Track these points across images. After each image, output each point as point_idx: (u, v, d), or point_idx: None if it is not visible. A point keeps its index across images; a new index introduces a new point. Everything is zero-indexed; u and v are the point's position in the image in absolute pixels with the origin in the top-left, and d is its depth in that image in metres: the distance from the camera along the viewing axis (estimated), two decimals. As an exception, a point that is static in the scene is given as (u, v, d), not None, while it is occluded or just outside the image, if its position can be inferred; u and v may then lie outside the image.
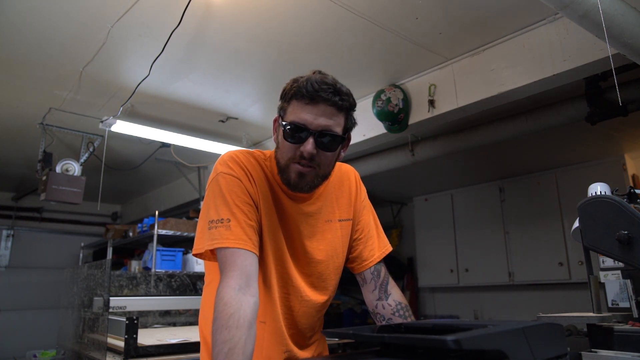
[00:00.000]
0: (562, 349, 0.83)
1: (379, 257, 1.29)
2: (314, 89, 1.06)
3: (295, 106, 1.09)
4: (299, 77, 1.11)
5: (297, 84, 1.09)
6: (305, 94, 1.06)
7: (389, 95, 3.13)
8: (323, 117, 1.07)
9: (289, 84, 1.12)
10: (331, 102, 1.07)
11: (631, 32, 1.90)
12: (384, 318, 1.25)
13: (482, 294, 5.51)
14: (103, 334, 2.55)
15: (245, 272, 1.01)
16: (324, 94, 1.06)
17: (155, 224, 4.15)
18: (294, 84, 1.10)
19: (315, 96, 1.06)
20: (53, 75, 3.05)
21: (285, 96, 1.12)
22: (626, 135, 4.01)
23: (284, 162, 1.11)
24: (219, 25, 2.54)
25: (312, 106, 1.07)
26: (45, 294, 5.78)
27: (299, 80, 1.09)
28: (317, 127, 1.07)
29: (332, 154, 1.13)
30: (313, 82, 1.06)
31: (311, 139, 1.07)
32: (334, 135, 1.09)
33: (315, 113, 1.07)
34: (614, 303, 1.39)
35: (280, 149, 1.13)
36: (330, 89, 1.07)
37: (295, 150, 1.09)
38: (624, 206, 1.16)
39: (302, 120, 1.07)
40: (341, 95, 1.09)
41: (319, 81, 1.07)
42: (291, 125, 1.08)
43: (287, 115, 1.10)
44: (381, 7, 2.40)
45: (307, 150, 1.07)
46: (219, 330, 0.93)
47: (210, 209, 1.08)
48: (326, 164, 1.13)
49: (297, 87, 1.08)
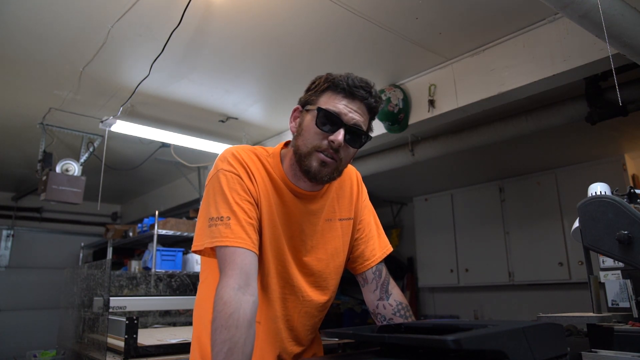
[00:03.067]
0: (562, 349, 0.83)
1: (380, 257, 1.29)
2: (355, 85, 1.09)
3: (330, 97, 1.10)
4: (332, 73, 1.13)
5: (334, 77, 1.11)
6: (345, 87, 1.09)
7: (389, 95, 3.13)
8: (357, 113, 1.10)
9: (322, 78, 1.14)
10: (367, 101, 1.11)
11: (631, 32, 1.90)
12: (384, 318, 1.24)
13: (482, 294, 5.51)
14: (103, 334, 2.55)
15: (244, 271, 1.00)
16: (362, 91, 1.10)
17: (155, 224, 4.15)
18: (330, 77, 1.12)
19: (354, 91, 1.09)
20: (53, 75, 3.05)
21: (318, 87, 1.13)
22: (626, 135, 4.01)
23: (307, 149, 1.10)
24: (219, 25, 2.54)
25: (349, 100, 1.09)
26: (45, 294, 5.78)
27: (335, 75, 1.12)
28: (349, 121, 1.09)
29: (354, 151, 1.15)
30: (354, 79, 1.10)
31: (342, 130, 1.08)
32: (361, 132, 1.12)
33: (350, 107, 1.09)
34: (614, 303, 1.39)
35: (305, 137, 1.11)
36: (367, 88, 1.11)
37: (323, 139, 1.09)
38: (624, 206, 1.16)
39: (337, 110, 1.08)
40: (375, 98, 1.12)
41: (358, 79, 1.11)
42: (326, 113, 1.08)
43: (320, 104, 1.11)
44: (381, 7, 2.40)
45: (338, 140, 1.07)
46: (218, 329, 0.92)
47: (210, 206, 1.08)
48: (346, 159, 1.14)
49: (335, 79, 1.10)
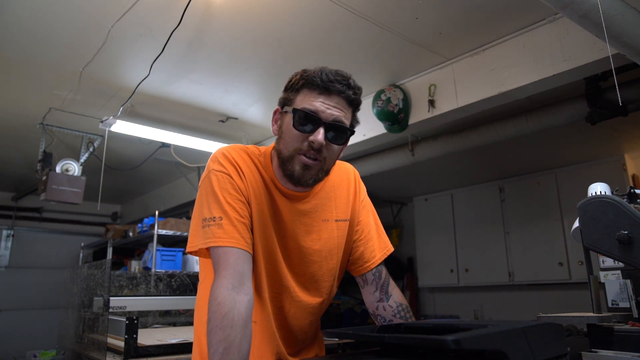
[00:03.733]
0: (562, 349, 0.83)
1: (380, 259, 1.26)
2: (329, 79, 1.04)
3: (306, 95, 1.06)
4: (308, 69, 1.08)
5: (309, 73, 1.06)
6: (319, 83, 1.04)
7: (389, 95, 3.13)
8: (335, 108, 1.05)
9: (297, 75, 1.09)
10: (344, 94, 1.05)
11: (631, 32, 1.89)
12: (384, 319, 1.22)
13: (482, 294, 5.51)
14: (103, 334, 2.55)
15: (238, 270, 0.99)
16: (339, 85, 1.04)
17: (155, 224, 4.15)
18: (305, 74, 1.07)
19: (330, 86, 1.04)
20: (53, 75, 3.05)
21: (294, 86, 1.09)
22: (626, 135, 4.00)
23: (289, 152, 1.07)
24: (219, 25, 2.54)
25: (325, 97, 1.05)
26: (45, 294, 5.78)
27: (310, 70, 1.07)
28: (328, 118, 1.04)
29: (339, 148, 1.11)
30: (328, 73, 1.04)
31: (322, 129, 1.04)
32: (344, 127, 1.07)
33: (327, 103, 1.04)
34: (614, 303, 1.39)
35: (285, 139, 1.08)
36: (344, 81, 1.05)
37: (303, 141, 1.05)
38: (624, 206, 1.16)
39: (314, 109, 1.04)
40: (354, 90, 1.07)
41: (333, 72, 1.05)
42: (302, 113, 1.04)
43: (296, 104, 1.06)
44: (381, 7, 2.40)
45: (318, 140, 1.03)
46: (213, 330, 0.91)
47: (202, 207, 1.07)
48: (331, 158, 1.10)
49: (309, 76, 1.05)
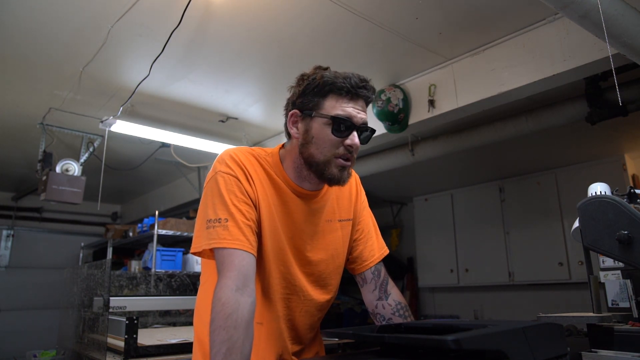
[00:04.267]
0: (562, 349, 0.83)
1: (379, 258, 1.30)
2: (357, 86, 1.11)
3: (335, 101, 1.11)
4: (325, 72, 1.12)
5: (332, 78, 1.10)
6: (349, 89, 1.10)
7: (389, 95, 3.13)
8: (362, 112, 1.13)
9: (316, 79, 1.11)
10: (369, 98, 1.14)
11: (631, 32, 1.90)
12: (383, 318, 1.25)
13: (482, 294, 5.51)
14: (103, 334, 2.55)
15: (242, 272, 1.00)
16: (364, 90, 1.12)
17: (155, 224, 4.15)
18: (326, 79, 1.10)
19: (358, 92, 1.11)
20: (53, 75, 3.05)
21: (317, 91, 1.11)
22: (626, 135, 4.00)
23: (326, 157, 1.11)
24: (219, 25, 2.54)
25: (354, 102, 1.11)
26: (45, 294, 5.78)
27: (329, 75, 1.11)
28: (359, 122, 1.12)
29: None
30: (354, 78, 1.11)
31: (356, 133, 1.11)
32: (370, 129, 1.16)
33: (357, 108, 1.12)
34: (614, 303, 1.39)
35: (319, 144, 1.11)
36: (368, 86, 1.13)
37: (339, 145, 1.11)
38: (624, 206, 1.16)
39: (348, 115, 1.10)
40: (373, 91, 1.15)
41: (357, 77, 1.12)
42: (339, 120, 1.09)
43: (325, 109, 1.11)
44: (381, 7, 2.40)
45: (356, 144, 1.11)
46: (216, 331, 0.92)
47: (208, 208, 1.08)
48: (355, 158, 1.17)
49: (335, 82, 1.10)
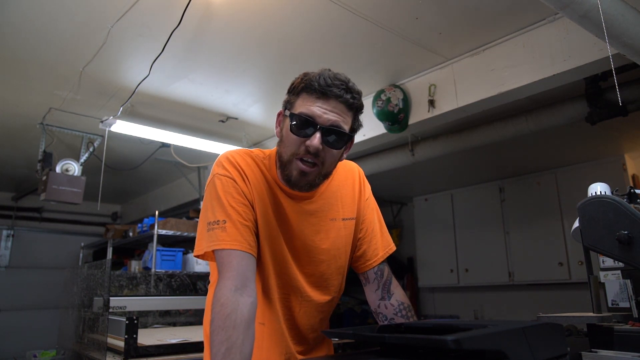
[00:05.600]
0: (562, 349, 0.83)
1: (382, 257, 1.28)
2: (327, 84, 1.04)
3: (304, 99, 1.07)
4: (310, 72, 1.09)
5: (308, 77, 1.07)
6: (317, 87, 1.04)
7: (389, 95, 3.13)
8: (333, 113, 1.05)
9: (298, 78, 1.10)
10: (342, 99, 1.06)
11: (631, 32, 1.89)
12: (386, 318, 1.24)
13: (482, 294, 5.51)
14: (103, 334, 2.55)
15: (241, 272, 1.00)
16: (336, 89, 1.05)
17: (155, 224, 4.15)
18: (305, 78, 1.08)
19: (327, 91, 1.04)
20: (53, 75, 3.05)
21: (294, 90, 1.10)
22: (626, 135, 4.00)
23: (287, 157, 1.08)
24: (219, 25, 2.54)
25: (323, 101, 1.05)
26: (45, 294, 5.78)
27: (310, 74, 1.08)
28: (325, 122, 1.05)
29: (337, 152, 1.11)
30: (326, 77, 1.05)
31: (318, 134, 1.04)
32: (341, 132, 1.07)
33: (325, 108, 1.05)
34: (614, 303, 1.39)
35: (284, 143, 1.10)
36: (342, 86, 1.06)
37: (300, 145, 1.06)
38: (624, 206, 1.16)
39: (311, 113, 1.05)
40: (353, 94, 1.08)
41: (331, 76, 1.06)
42: (299, 118, 1.05)
43: (295, 108, 1.08)
44: (381, 7, 2.40)
45: (314, 145, 1.04)
46: (216, 331, 0.93)
47: (207, 211, 1.09)
48: (329, 162, 1.10)
49: (308, 80, 1.06)
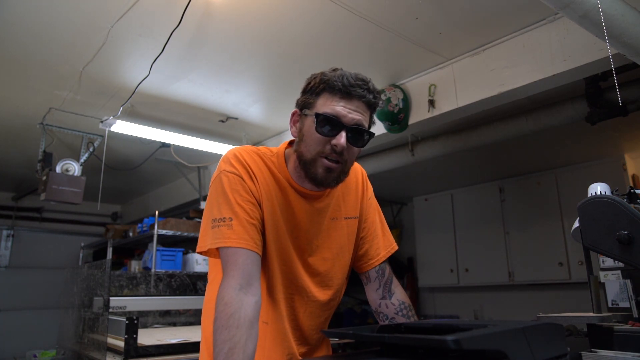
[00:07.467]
0: (562, 349, 0.83)
1: (384, 256, 1.29)
2: (350, 84, 1.07)
3: (327, 99, 1.08)
4: (326, 72, 1.11)
5: (328, 77, 1.08)
6: (341, 87, 1.06)
7: (389, 95, 3.13)
8: (356, 112, 1.08)
9: (317, 78, 1.11)
10: (365, 99, 1.08)
11: (631, 32, 1.90)
12: (386, 317, 1.24)
13: (482, 294, 5.51)
14: (103, 334, 2.55)
15: (246, 271, 1.00)
16: (360, 89, 1.07)
17: (155, 224, 4.15)
18: (324, 78, 1.09)
19: (351, 91, 1.07)
20: (53, 75, 3.05)
21: (313, 90, 1.11)
22: (626, 135, 4.00)
23: (311, 155, 1.09)
24: (219, 25, 2.54)
25: (347, 101, 1.07)
26: (45, 294, 5.78)
27: (329, 74, 1.09)
28: (350, 122, 1.07)
29: (358, 150, 1.14)
30: (348, 77, 1.07)
31: (344, 133, 1.06)
32: (364, 130, 1.10)
33: (349, 108, 1.07)
34: (614, 303, 1.39)
35: (307, 142, 1.10)
36: (365, 86, 1.08)
37: (325, 144, 1.08)
38: (624, 206, 1.16)
39: (335, 113, 1.06)
40: (374, 93, 1.10)
41: (353, 76, 1.08)
42: (324, 117, 1.06)
43: (317, 108, 1.09)
44: (381, 7, 2.40)
45: (341, 144, 1.06)
46: (219, 330, 0.93)
47: (213, 208, 1.08)
48: (351, 160, 1.13)
49: (330, 80, 1.08)
